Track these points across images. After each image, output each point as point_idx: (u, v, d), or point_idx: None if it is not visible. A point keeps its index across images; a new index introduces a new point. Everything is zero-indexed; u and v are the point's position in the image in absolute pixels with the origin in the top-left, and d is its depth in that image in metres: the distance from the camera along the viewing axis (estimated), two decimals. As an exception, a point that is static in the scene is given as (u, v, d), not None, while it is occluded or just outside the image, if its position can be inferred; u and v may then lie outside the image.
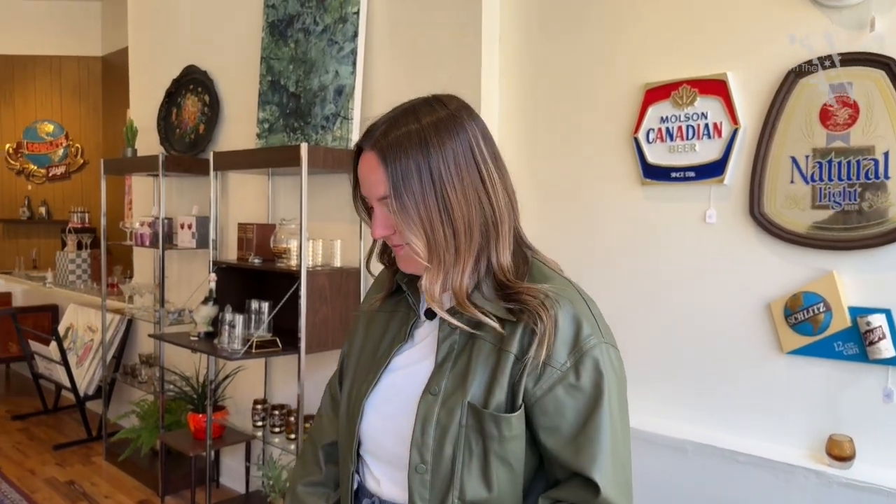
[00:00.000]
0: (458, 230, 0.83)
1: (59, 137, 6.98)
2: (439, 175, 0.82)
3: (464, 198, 0.83)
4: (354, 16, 2.69)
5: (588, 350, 0.83)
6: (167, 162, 3.32)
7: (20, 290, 5.94)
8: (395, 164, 0.82)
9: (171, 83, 3.80)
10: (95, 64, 6.93)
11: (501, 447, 0.83)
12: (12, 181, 6.97)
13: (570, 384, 0.82)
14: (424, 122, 0.83)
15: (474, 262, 0.85)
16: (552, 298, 0.84)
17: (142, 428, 3.53)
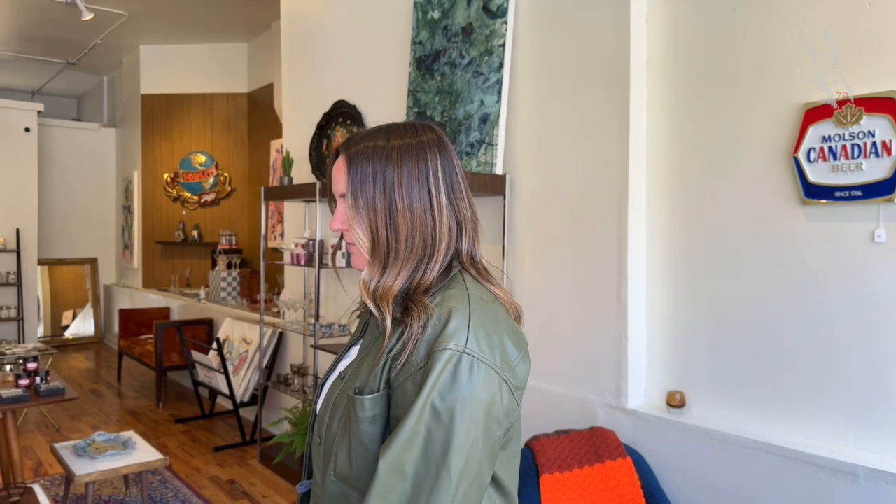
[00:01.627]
0: (400, 237, 0.91)
1: (210, 167, 7.70)
2: (391, 186, 0.91)
3: (410, 211, 0.91)
4: (500, 48, 2.85)
5: (437, 352, 0.84)
6: (323, 189, 3.61)
7: (177, 305, 6.58)
8: (357, 168, 0.92)
9: (321, 117, 4.14)
10: (242, 100, 7.60)
11: (357, 427, 0.87)
12: (169, 207, 7.75)
13: (411, 380, 0.85)
14: (392, 142, 0.93)
15: (410, 271, 0.91)
16: (430, 307, 0.88)
17: (294, 433, 3.82)
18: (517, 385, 0.90)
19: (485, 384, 0.84)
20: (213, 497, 3.60)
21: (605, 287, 2.50)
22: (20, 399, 2.88)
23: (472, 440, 0.82)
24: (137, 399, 5.74)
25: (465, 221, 0.96)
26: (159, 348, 5.42)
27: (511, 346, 0.90)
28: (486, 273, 0.98)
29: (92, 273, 8.75)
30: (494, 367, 0.86)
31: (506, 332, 0.90)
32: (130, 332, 6.42)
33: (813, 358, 2.04)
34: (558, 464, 2.26)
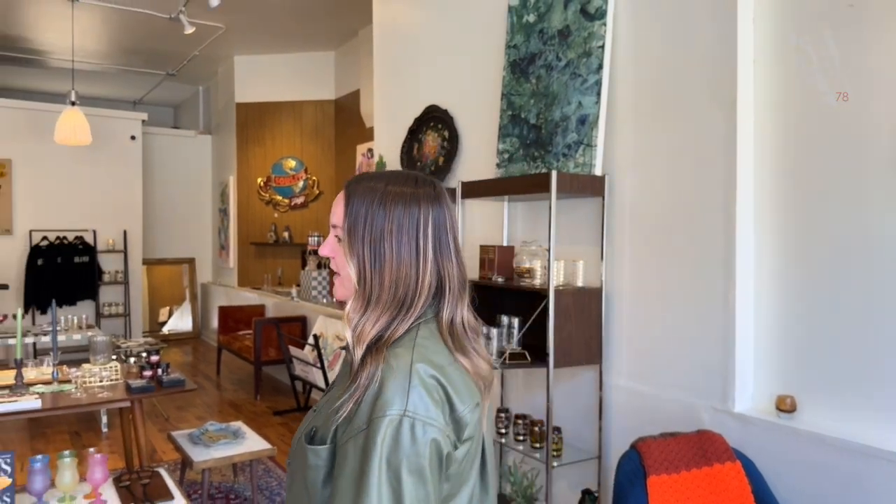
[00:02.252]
0: (385, 281, 0.93)
1: (299, 172, 8.01)
2: (380, 231, 0.94)
3: (396, 259, 0.93)
4: (599, 49, 2.86)
5: (378, 418, 0.85)
6: (417, 191, 3.72)
7: (271, 303, 6.89)
8: (353, 205, 0.96)
9: (413, 121, 4.25)
10: (329, 106, 7.87)
11: (303, 472, 0.91)
12: (262, 210, 8.12)
13: (354, 442, 0.86)
14: (389, 187, 0.96)
15: (389, 319, 0.93)
16: (377, 362, 0.89)
17: (389, 429, 3.95)
18: (465, 438, 0.91)
19: (428, 444, 0.86)
20: (315, 487, 3.77)
21: (711, 289, 2.47)
22: (146, 389, 3.12)
23: (418, 494, 0.84)
24: (236, 391, 6.05)
25: (448, 280, 0.97)
26: (258, 343, 5.70)
27: (457, 400, 0.90)
28: (463, 337, 0.98)
29: (190, 272, 9.27)
30: (437, 425, 0.87)
31: (453, 387, 0.90)
32: (229, 328, 6.78)
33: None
34: (665, 465, 2.26)
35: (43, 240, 7.44)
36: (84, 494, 2.63)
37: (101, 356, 3.19)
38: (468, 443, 0.92)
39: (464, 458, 0.91)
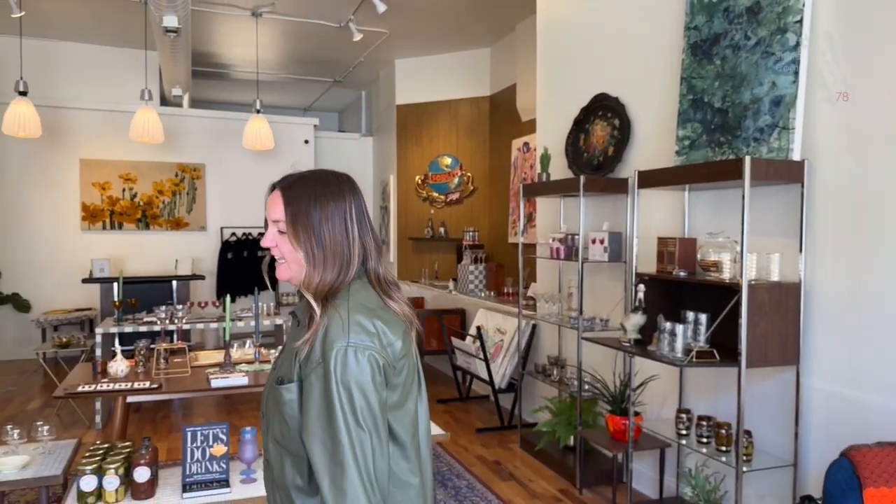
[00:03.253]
0: (326, 257, 1.21)
1: (454, 168, 8.20)
2: (318, 223, 1.22)
3: (332, 240, 1.22)
4: (796, 25, 2.64)
5: (329, 350, 1.12)
6: (587, 184, 3.66)
7: (430, 295, 7.12)
8: (292, 205, 1.22)
9: (579, 112, 4.19)
10: (484, 103, 7.97)
11: (281, 408, 1.18)
12: (419, 206, 8.41)
13: (315, 373, 1.13)
14: (319, 189, 1.24)
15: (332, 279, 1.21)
16: (327, 313, 1.17)
17: (556, 423, 3.93)
18: (397, 358, 1.19)
19: (368, 364, 1.13)
20: (483, 475, 3.85)
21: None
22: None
23: (368, 404, 1.11)
24: (400, 380, 6.33)
25: (369, 248, 1.28)
26: (420, 334, 5.92)
27: (388, 331, 1.19)
28: (387, 287, 1.29)
29: (353, 266, 9.83)
30: (374, 349, 1.15)
31: (382, 321, 1.19)
32: (392, 320, 7.10)
33: None
34: (885, 478, 2.04)
35: (231, 235, 8.24)
36: (285, 465, 2.88)
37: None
38: (404, 359, 1.21)
39: (404, 372, 1.21)
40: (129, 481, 2.58)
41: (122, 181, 7.94)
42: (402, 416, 1.21)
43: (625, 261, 3.71)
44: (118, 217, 7.95)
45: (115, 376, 3.25)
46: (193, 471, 2.68)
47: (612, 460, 3.51)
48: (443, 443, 4.33)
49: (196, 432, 2.71)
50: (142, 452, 2.59)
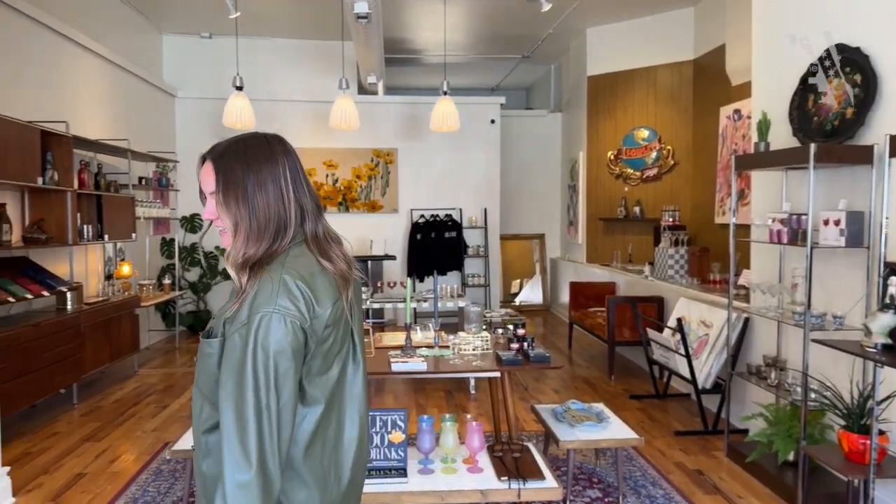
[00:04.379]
0: (260, 223, 1.22)
1: (652, 142, 7.56)
2: (253, 187, 1.22)
3: (266, 205, 1.22)
4: None
5: (255, 314, 1.14)
6: (820, 153, 3.04)
7: (622, 280, 6.65)
8: (222, 174, 1.22)
9: (806, 69, 3.51)
10: (686, 68, 7.22)
11: (203, 360, 1.23)
12: (612, 184, 7.90)
13: (237, 333, 1.15)
14: (250, 153, 1.23)
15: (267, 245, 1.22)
16: (257, 276, 1.18)
17: (772, 433, 3.38)
18: (323, 326, 1.19)
19: (291, 331, 1.14)
20: (683, 485, 3.43)
21: None
22: (515, 362, 3.16)
23: (282, 371, 1.13)
24: (589, 368, 6.00)
25: (306, 208, 1.26)
26: (611, 322, 5.52)
27: (317, 299, 1.18)
28: (326, 246, 1.27)
29: (540, 247, 9.60)
30: (298, 318, 1.15)
31: (312, 290, 1.18)
32: (580, 304, 6.76)
33: None
34: None
35: (420, 217, 8.43)
36: (463, 458, 2.75)
37: (473, 325, 3.35)
38: (332, 328, 1.21)
39: (330, 340, 1.21)
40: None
41: (326, 167, 8.46)
42: (324, 382, 1.22)
43: (867, 246, 3.03)
44: (322, 201, 8.49)
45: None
46: (372, 456, 2.65)
47: (846, 485, 2.92)
48: (637, 446, 3.96)
49: (375, 417, 2.67)
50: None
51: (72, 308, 4.89)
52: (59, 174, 4.79)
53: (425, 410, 4.71)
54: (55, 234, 4.82)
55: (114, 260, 6.22)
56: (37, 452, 3.93)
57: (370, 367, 3.23)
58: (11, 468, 3.37)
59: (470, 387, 5.15)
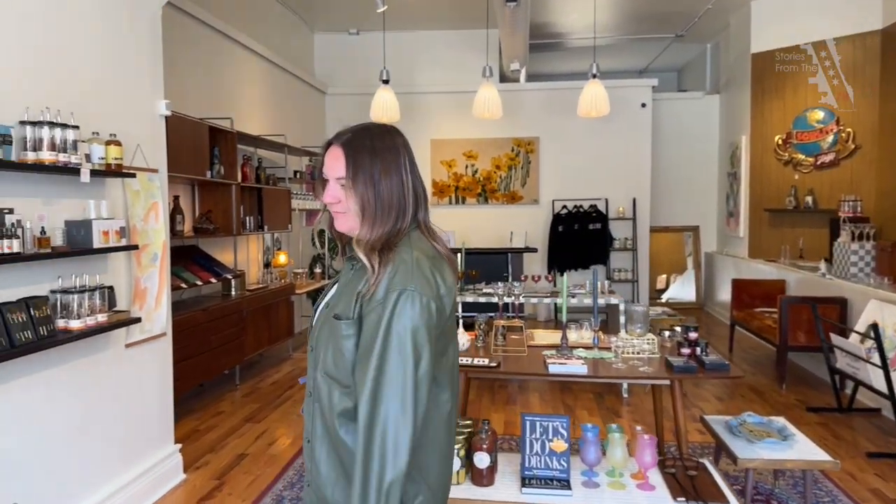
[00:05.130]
0: (385, 207, 1.28)
1: (828, 124, 6.74)
2: (379, 176, 1.28)
3: (389, 191, 1.28)
4: None
5: (391, 292, 1.20)
6: None
7: (793, 278, 5.99)
8: (353, 160, 1.28)
9: None
10: (873, 39, 6.34)
11: (339, 342, 1.25)
12: (779, 172, 7.15)
13: (375, 313, 1.20)
14: (377, 144, 1.30)
15: (389, 229, 1.28)
16: (386, 260, 1.24)
17: None
18: (448, 308, 1.26)
19: (424, 309, 1.20)
20: (884, 519, 2.95)
21: None
22: (688, 370, 2.85)
23: (421, 349, 1.19)
24: (754, 375, 5.45)
25: (421, 198, 1.35)
26: (783, 324, 4.97)
27: (441, 283, 1.25)
28: (433, 233, 1.36)
29: (694, 240, 8.95)
30: (432, 296, 1.22)
31: (439, 271, 1.26)
32: (744, 304, 6.18)
33: None
34: None
35: (562, 208, 8.14)
36: (631, 473, 2.52)
37: (638, 326, 3.08)
38: (450, 310, 1.28)
39: (450, 319, 1.28)
40: (469, 464, 2.50)
41: (465, 158, 8.41)
42: (443, 363, 1.27)
43: None
44: (462, 192, 8.47)
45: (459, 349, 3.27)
46: (532, 464, 2.48)
47: None
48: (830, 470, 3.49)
49: (535, 423, 2.50)
50: (482, 437, 2.48)
51: (235, 294, 5.17)
52: (225, 168, 5.07)
53: (573, 413, 4.48)
54: (221, 225, 5.11)
55: (271, 249, 6.55)
56: (204, 430, 4.18)
57: (523, 367, 3.07)
58: (182, 445, 3.59)
59: (622, 390, 4.84)
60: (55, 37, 2.62)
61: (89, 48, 2.83)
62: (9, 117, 2.34)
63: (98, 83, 2.88)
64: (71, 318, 2.56)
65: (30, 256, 2.31)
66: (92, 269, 2.78)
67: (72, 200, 2.72)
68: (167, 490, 3.29)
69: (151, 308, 3.29)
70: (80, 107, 2.70)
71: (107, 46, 2.94)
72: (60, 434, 2.63)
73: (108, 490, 2.90)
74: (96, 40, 2.87)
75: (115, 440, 2.97)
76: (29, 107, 2.40)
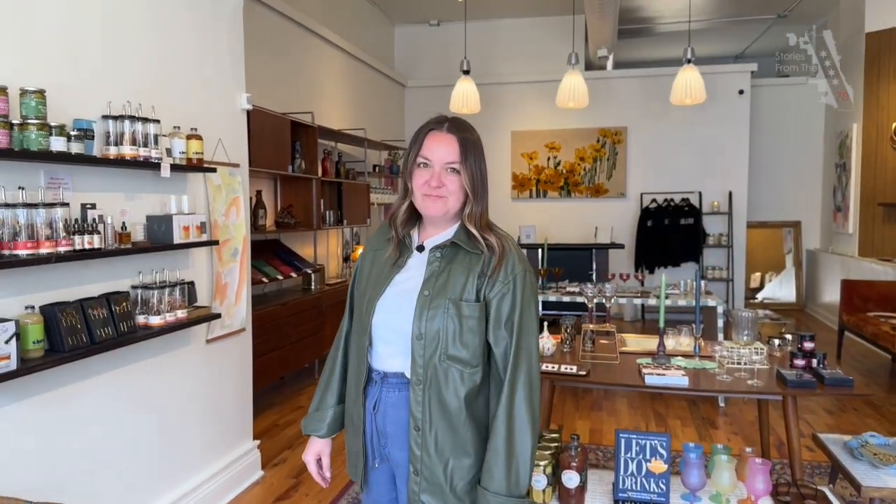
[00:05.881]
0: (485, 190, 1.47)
1: (958, 108, 6.04)
2: (482, 161, 1.47)
3: (483, 175, 1.47)
4: None
5: (518, 274, 1.42)
6: None
7: (915, 281, 5.40)
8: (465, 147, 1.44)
9: None
10: None
11: (469, 322, 1.40)
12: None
13: (505, 292, 1.41)
14: (477, 137, 1.48)
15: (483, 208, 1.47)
16: (503, 242, 1.45)
17: None
18: None
19: (535, 284, 1.48)
20: None
21: None
22: (806, 385, 2.53)
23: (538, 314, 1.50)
24: (868, 386, 4.95)
25: None
26: None
27: None
28: None
29: (794, 236, 8.31)
30: (534, 273, 1.49)
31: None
32: (855, 307, 5.64)
33: None
34: None
35: (651, 202, 7.73)
36: (739, 500, 2.25)
37: (744, 333, 2.78)
38: None
39: None
40: (556, 481, 2.30)
41: (548, 150, 8.14)
42: None
43: None
44: (543, 185, 8.20)
45: (542, 354, 3.07)
46: (627, 486, 2.26)
47: None
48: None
49: (631, 440, 2.28)
50: (571, 454, 2.27)
51: (315, 288, 5.16)
52: (306, 163, 5.05)
53: (665, 422, 4.18)
54: (302, 219, 5.10)
55: (350, 243, 6.54)
56: (283, 425, 4.16)
57: (615, 376, 2.83)
58: (261, 440, 3.57)
59: (719, 398, 4.49)
60: (137, 31, 2.60)
61: (171, 42, 2.80)
62: (91, 112, 2.33)
63: (179, 77, 2.85)
64: (151, 314, 2.54)
65: (110, 252, 2.29)
66: (173, 264, 2.76)
67: (153, 195, 2.70)
68: (244, 487, 3.27)
69: (232, 303, 3.27)
70: (161, 101, 2.68)
71: (189, 40, 2.91)
72: (140, 430, 2.63)
73: (186, 486, 2.89)
74: (178, 34, 2.84)
75: (195, 436, 2.96)
76: (111, 101, 2.38)
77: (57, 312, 2.12)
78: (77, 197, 2.29)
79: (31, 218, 1.98)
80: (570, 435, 2.37)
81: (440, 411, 1.40)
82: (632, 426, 4.14)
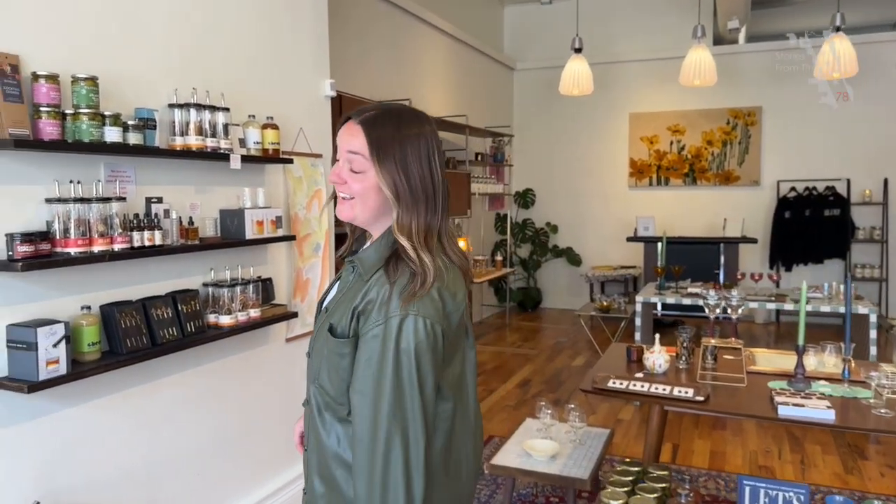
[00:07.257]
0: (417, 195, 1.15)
1: None
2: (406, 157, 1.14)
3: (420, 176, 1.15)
4: None
5: (392, 318, 1.08)
6: None
7: None
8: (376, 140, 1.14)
9: None
10: None
11: (333, 359, 1.15)
12: None
13: (374, 335, 1.09)
14: (402, 125, 1.17)
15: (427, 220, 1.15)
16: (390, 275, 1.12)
17: None
18: (451, 327, 1.15)
19: (427, 332, 1.09)
20: None
21: None
22: None
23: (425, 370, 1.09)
24: None
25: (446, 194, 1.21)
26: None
27: (449, 300, 1.14)
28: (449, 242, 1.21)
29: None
30: (433, 319, 1.10)
31: (447, 290, 1.14)
32: None
33: None
34: None
35: (790, 191, 6.88)
36: (906, 577, 1.75)
37: (911, 359, 2.23)
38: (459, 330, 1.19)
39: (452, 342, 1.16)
40: (662, 530, 1.92)
41: (670, 133, 7.48)
42: (453, 377, 1.18)
43: None
44: (664, 172, 7.55)
45: (652, 371, 2.65)
46: (752, 546, 1.84)
47: None
48: None
49: (758, 490, 1.85)
50: (681, 500, 1.88)
51: (411, 283, 4.97)
52: (402, 151, 4.85)
53: (801, 447, 3.59)
54: (398, 211, 4.92)
55: (452, 235, 6.30)
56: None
57: (739, 404, 2.37)
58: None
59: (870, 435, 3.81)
60: (207, 14, 2.46)
61: (246, 25, 2.65)
62: (157, 100, 2.21)
63: (255, 63, 2.70)
64: (221, 313, 2.41)
65: (171, 249, 2.16)
66: (249, 260, 2.63)
67: (228, 188, 2.57)
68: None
69: (314, 300, 3.11)
70: (235, 88, 2.54)
71: (264, 24, 2.75)
72: (216, 433, 2.52)
73: (258, 495, 2.76)
74: (253, 16, 2.69)
75: (271, 440, 2.83)
76: (178, 88, 2.25)
77: (116, 313, 2.02)
78: (141, 191, 2.18)
79: (84, 213, 1.87)
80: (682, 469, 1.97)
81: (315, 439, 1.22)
82: (760, 450, 3.60)
